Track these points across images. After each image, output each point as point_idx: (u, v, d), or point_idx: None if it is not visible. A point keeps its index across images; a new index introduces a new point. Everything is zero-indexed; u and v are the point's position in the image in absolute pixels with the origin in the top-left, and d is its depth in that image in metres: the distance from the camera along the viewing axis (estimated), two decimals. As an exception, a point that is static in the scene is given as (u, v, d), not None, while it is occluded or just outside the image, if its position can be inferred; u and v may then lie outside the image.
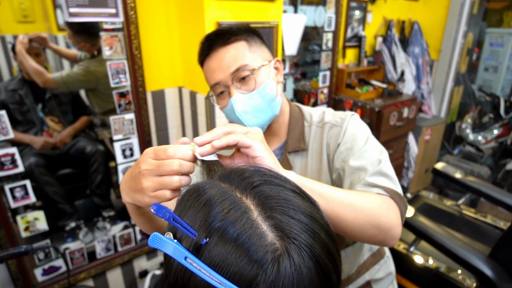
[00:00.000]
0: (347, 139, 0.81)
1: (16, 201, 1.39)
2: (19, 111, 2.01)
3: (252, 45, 0.81)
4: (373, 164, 0.74)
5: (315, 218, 0.37)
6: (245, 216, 0.34)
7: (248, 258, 0.32)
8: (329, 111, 0.91)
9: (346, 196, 0.62)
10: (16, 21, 2.54)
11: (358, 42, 2.63)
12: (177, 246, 0.34)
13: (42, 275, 1.55)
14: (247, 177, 0.40)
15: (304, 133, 0.89)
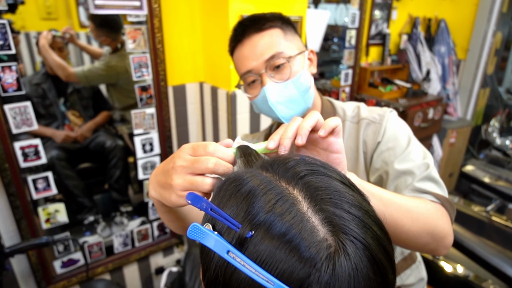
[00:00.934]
0: (388, 138, 0.77)
1: (38, 192, 1.40)
2: (42, 104, 2.04)
3: (287, 33, 0.78)
4: (420, 168, 0.71)
5: (368, 212, 0.33)
6: (294, 208, 0.31)
7: (299, 255, 0.28)
8: (364, 106, 0.86)
9: (404, 201, 0.60)
10: (40, 18, 2.59)
11: (382, 40, 2.56)
12: (219, 239, 0.31)
13: (61, 268, 1.55)
14: (293, 166, 0.36)
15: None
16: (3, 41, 1.17)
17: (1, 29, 1.15)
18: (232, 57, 0.83)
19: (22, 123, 1.29)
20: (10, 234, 1.38)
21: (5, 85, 1.22)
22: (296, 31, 0.82)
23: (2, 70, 1.20)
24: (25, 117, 1.29)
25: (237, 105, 1.53)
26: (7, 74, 1.21)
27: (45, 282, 1.50)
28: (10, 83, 1.22)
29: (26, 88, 1.97)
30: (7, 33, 1.16)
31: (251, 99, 0.81)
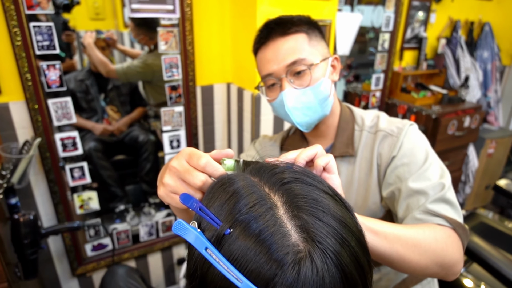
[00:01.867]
0: (404, 153, 0.74)
1: (74, 180, 1.52)
2: (85, 99, 2.20)
3: (312, 39, 0.77)
4: (435, 188, 0.68)
5: (347, 224, 0.34)
6: (270, 212, 0.33)
7: (268, 256, 0.30)
8: (384, 117, 0.84)
9: (411, 235, 0.58)
10: (89, 18, 2.79)
11: (418, 44, 2.47)
12: (199, 236, 0.34)
13: (91, 251, 1.68)
14: (278, 172, 0.38)
15: (354, 138, 0.83)
16: (49, 41, 1.29)
17: (47, 31, 1.27)
18: (256, 57, 0.83)
19: (63, 117, 1.41)
20: (49, 216, 1.52)
21: (50, 82, 1.34)
22: (322, 36, 0.81)
23: (48, 68, 1.32)
24: (65, 111, 1.41)
25: (261, 107, 1.56)
26: (51, 72, 1.33)
27: (77, 262, 1.63)
28: (53, 80, 1.35)
29: (72, 83, 2.14)
30: (52, 35, 1.28)
31: (269, 102, 0.82)
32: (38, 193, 1.47)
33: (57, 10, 1.94)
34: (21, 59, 1.25)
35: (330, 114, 0.84)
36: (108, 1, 2.82)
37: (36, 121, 1.35)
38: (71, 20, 2.65)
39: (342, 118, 0.85)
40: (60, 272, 1.65)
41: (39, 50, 1.27)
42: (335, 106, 0.86)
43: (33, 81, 1.30)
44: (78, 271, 1.65)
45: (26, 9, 1.21)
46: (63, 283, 1.67)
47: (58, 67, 1.33)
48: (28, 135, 1.37)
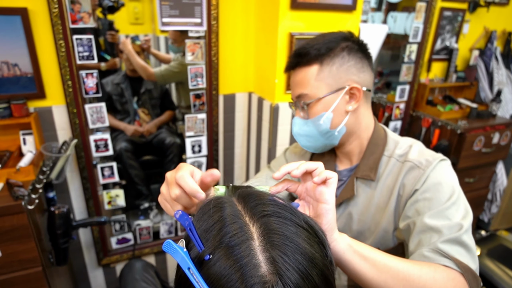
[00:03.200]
0: (428, 188, 0.71)
1: (104, 178, 1.66)
2: (119, 101, 2.36)
3: (323, 70, 0.77)
4: (452, 228, 0.64)
5: (313, 259, 0.38)
6: (246, 243, 0.37)
7: (240, 283, 0.35)
8: (416, 147, 0.80)
9: (403, 268, 0.55)
10: (129, 23, 2.99)
11: (448, 55, 2.41)
12: (184, 256, 0.39)
13: (116, 244, 1.81)
14: (260, 204, 0.43)
15: (380, 163, 0.82)
16: (89, 52, 1.42)
17: (88, 43, 1.40)
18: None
19: (97, 120, 1.55)
20: (80, 210, 1.67)
21: (87, 89, 1.48)
22: (352, 59, 0.78)
23: (86, 76, 1.46)
24: (99, 115, 1.55)
25: (279, 117, 1.62)
26: (89, 80, 1.47)
27: (103, 253, 1.78)
28: (91, 87, 1.49)
29: (109, 86, 2.31)
30: (92, 46, 1.41)
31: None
32: (73, 188, 1.62)
33: (104, 12, 2.14)
34: (64, 68, 1.39)
35: (355, 136, 0.84)
36: (147, 7, 2.99)
37: (74, 124, 1.50)
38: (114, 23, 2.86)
39: (372, 141, 0.84)
40: (87, 261, 1.80)
41: (79, 60, 1.42)
42: (364, 129, 0.84)
43: (73, 88, 1.44)
44: (103, 261, 1.79)
45: (70, 23, 1.35)
46: (90, 271, 1.82)
47: (95, 75, 1.47)
48: (67, 136, 1.52)
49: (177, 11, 1.50)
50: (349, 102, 0.79)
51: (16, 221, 1.17)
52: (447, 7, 2.23)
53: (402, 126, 2.42)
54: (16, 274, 1.24)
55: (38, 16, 1.30)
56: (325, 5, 1.50)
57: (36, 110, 1.43)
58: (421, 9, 2.12)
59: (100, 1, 2.17)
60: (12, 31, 1.27)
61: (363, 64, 0.79)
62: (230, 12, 1.62)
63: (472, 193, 2.38)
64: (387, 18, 2.33)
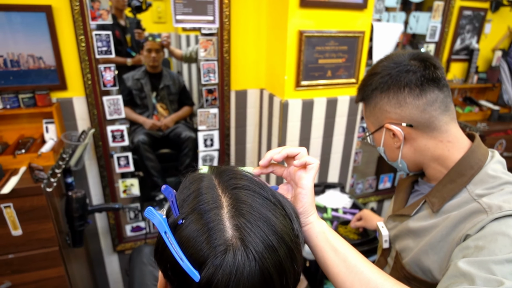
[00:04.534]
0: (484, 235, 0.58)
1: (120, 167, 1.75)
2: (139, 96, 2.46)
3: (366, 109, 0.80)
4: (490, 282, 0.50)
5: (279, 232, 0.41)
6: (215, 211, 0.41)
7: (206, 243, 0.39)
8: (509, 194, 0.64)
9: (377, 279, 0.49)
10: (153, 22, 3.11)
11: (468, 56, 2.34)
12: (162, 221, 0.43)
13: (130, 231, 1.90)
14: (234, 178, 0.46)
15: (453, 197, 0.70)
16: (106, 47, 1.51)
17: (106, 38, 1.49)
18: None
19: (114, 112, 1.64)
20: (97, 196, 1.77)
21: (106, 81, 1.57)
22: (387, 95, 0.73)
23: (105, 70, 1.55)
24: (116, 107, 1.64)
25: (289, 113, 1.64)
26: (107, 73, 1.56)
27: (118, 240, 1.87)
28: (109, 80, 1.57)
29: (129, 81, 2.42)
30: (110, 41, 1.50)
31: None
32: (90, 175, 1.72)
33: (133, 11, 2.25)
34: (84, 61, 1.48)
35: (427, 165, 0.77)
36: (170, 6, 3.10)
37: (92, 114, 1.59)
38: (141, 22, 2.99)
39: (457, 168, 0.71)
40: (103, 247, 1.89)
41: (98, 55, 1.50)
42: (438, 156, 0.74)
43: (92, 80, 1.53)
44: (118, 247, 1.88)
45: (90, 20, 1.44)
46: (105, 256, 1.92)
47: (113, 69, 1.56)
48: (85, 126, 1.62)
49: (190, 9, 1.56)
50: (394, 139, 0.76)
51: (36, 202, 1.26)
52: (467, 6, 2.18)
53: (418, 126, 2.38)
54: (35, 252, 1.34)
55: (61, 13, 1.40)
56: (335, 3, 1.52)
57: (58, 101, 1.53)
58: (438, 8, 2.08)
59: (129, 1, 2.30)
60: (37, 26, 1.37)
61: (400, 97, 0.71)
62: (242, 10, 1.66)
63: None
64: (409, 18, 2.30)
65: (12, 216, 1.26)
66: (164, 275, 0.45)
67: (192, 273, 0.38)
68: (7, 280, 1.33)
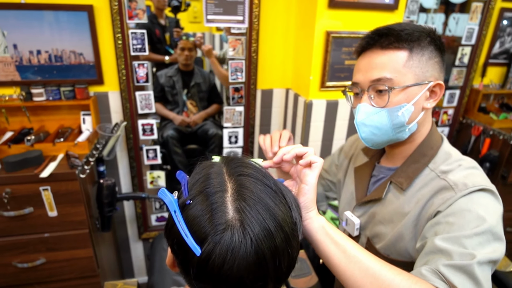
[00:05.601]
0: (453, 212, 0.64)
1: (148, 160, 1.84)
2: (171, 93, 2.56)
3: (413, 58, 0.70)
4: (464, 256, 0.56)
5: (276, 218, 0.44)
6: (220, 194, 0.45)
7: (208, 222, 0.42)
8: (465, 169, 0.72)
9: (375, 266, 0.53)
10: (188, 21, 3.22)
11: (508, 60, 2.22)
12: (172, 201, 0.47)
13: (155, 221, 1.99)
14: (240, 166, 0.50)
15: (419, 175, 0.76)
16: (141, 45, 1.60)
17: (141, 36, 1.58)
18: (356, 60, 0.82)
19: (145, 106, 1.73)
20: (127, 185, 1.87)
21: (139, 77, 1.66)
22: (439, 55, 0.73)
23: (138, 66, 1.64)
24: (148, 102, 1.72)
25: (312, 113, 1.65)
26: (140, 70, 1.65)
27: (143, 228, 1.96)
28: (141, 76, 1.66)
29: (162, 78, 2.52)
30: (144, 39, 1.58)
31: (352, 108, 0.83)
32: (121, 166, 1.82)
33: (173, 11, 2.36)
34: (120, 58, 1.58)
35: (408, 140, 0.79)
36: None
37: (125, 108, 1.68)
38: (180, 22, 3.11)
39: (419, 149, 0.78)
40: (130, 234, 2.00)
41: (133, 52, 1.59)
42: (419, 133, 0.78)
43: (127, 76, 1.62)
44: (143, 235, 1.98)
45: (127, 19, 1.53)
46: (131, 242, 2.02)
47: (146, 66, 1.64)
48: (118, 119, 1.72)
49: (221, 9, 1.61)
50: (428, 99, 0.74)
51: (71, 187, 1.37)
52: (509, 8, 2.07)
53: (450, 132, 2.29)
54: (67, 233, 1.44)
55: (101, 12, 1.50)
56: (364, 4, 1.50)
57: (95, 94, 1.64)
58: (477, 9, 2.00)
59: (169, 1, 2.41)
60: (79, 24, 1.48)
61: (443, 64, 0.75)
62: (271, 10, 1.70)
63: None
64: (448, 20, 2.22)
65: (49, 198, 1.37)
66: (171, 250, 0.49)
67: (194, 248, 0.42)
68: (43, 256, 1.45)
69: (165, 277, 1.20)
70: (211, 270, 0.41)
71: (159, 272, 1.23)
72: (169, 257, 0.52)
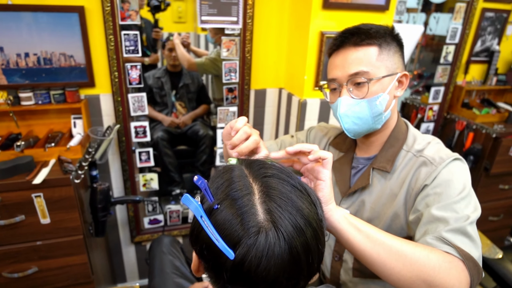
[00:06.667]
0: (438, 183, 0.74)
1: (141, 162, 1.81)
2: (159, 94, 2.53)
3: (383, 52, 0.79)
4: (459, 219, 0.66)
5: (304, 214, 0.45)
6: (248, 197, 0.45)
7: (240, 225, 0.42)
8: (434, 145, 0.83)
9: (397, 244, 0.59)
10: (173, 21, 3.18)
11: (489, 57, 2.32)
12: (198, 206, 0.47)
13: (148, 224, 1.96)
14: (263, 168, 0.51)
15: (397, 157, 0.85)
16: (134, 46, 1.57)
17: (134, 38, 1.55)
18: (328, 59, 0.88)
19: (138, 108, 1.70)
20: (119, 189, 1.83)
21: (131, 79, 1.63)
22: (400, 49, 0.83)
23: (131, 68, 1.61)
24: (140, 104, 1.69)
25: (306, 112, 1.67)
26: (133, 71, 1.62)
27: (136, 231, 1.93)
28: (134, 78, 1.63)
29: (150, 80, 2.48)
30: (137, 41, 1.56)
31: (330, 104, 0.88)
32: (113, 169, 1.79)
33: (151, 11, 2.31)
34: (112, 60, 1.54)
35: (383, 128, 0.87)
36: (190, 6, 3.16)
37: (117, 111, 1.65)
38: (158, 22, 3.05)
39: (393, 134, 0.87)
40: (122, 238, 1.96)
41: (126, 54, 1.56)
42: (391, 121, 0.87)
43: (119, 78, 1.59)
44: (135, 239, 1.95)
45: (120, 20, 1.49)
46: (123, 246, 1.98)
47: (139, 67, 1.61)
48: (111, 122, 1.68)
49: (215, 10, 1.60)
50: (397, 88, 0.84)
51: (64, 193, 1.33)
52: (490, 8, 2.16)
53: (435, 128, 2.37)
54: (61, 240, 1.40)
55: (93, 14, 1.46)
56: (357, 5, 1.53)
57: (86, 97, 1.59)
58: (460, 9, 2.07)
59: (148, 0, 2.36)
60: (70, 26, 1.44)
61: (404, 57, 0.84)
62: (265, 11, 1.70)
63: (506, 200, 2.29)
64: (429, 19, 2.30)
65: (42, 205, 1.33)
66: (199, 255, 0.49)
67: (227, 252, 0.42)
68: (34, 265, 1.41)
69: (167, 280, 1.19)
70: (247, 272, 0.42)
71: (159, 276, 1.22)
72: (194, 262, 0.52)
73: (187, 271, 1.21)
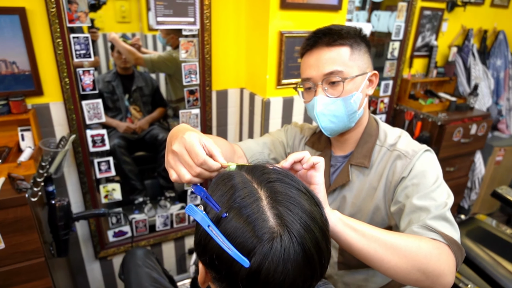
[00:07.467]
0: (415, 175, 0.79)
1: (100, 173, 1.71)
2: (111, 99, 2.39)
3: (354, 52, 0.82)
4: (438, 207, 0.71)
5: (312, 215, 0.45)
6: (256, 203, 0.44)
7: (252, 233, 0.42)
8: (405, 138, 0.88)
9: (391, 238, 0.61)
10: (116, 21, 3.00)
11: (428, 52, 2.53)
12: (204, 216, 0.46)
13: (113, 236, 1.86)
14: (266, 173, 0.50)
15: (373, 152, 0.89)
16: (85, 50, 1.46)
17: (85, 41, 1.45)
18: (301, 59, 0.89)
19: (94, 116, 1.59)
20: (78, 204, 1.71)
21: (84, 85, 1.52)
22: (368, 50, 0.87)
23: (83, 73, 1.50)
24: (96, 111, 1.59)
25: (270, 111, 1.69)
26: (86, 77, 1.51)
27: (100, 246, 1.82)
28: (88, 83, 1.53)
29: (99, 84, 2.33)
30: (89, 44, 1.46)
31: (304, 102, 0.90)
32: (70, 182, 1.66)
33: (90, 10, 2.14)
34: (62, 65, 1.43)
35: (356, 125, 0.90)
36: (134, 6, 3.01)
37: (71, 120, 1.53)
38: (100, 23, 2.86)
39: (366, 131, 0.91)
40: (85, 254, 1.84)
41: (76, 58, 1.46)
42: (364, 118, 0.91)
43: (71, 85, 1.48)
44: (100, 254, 1.84)
45: (67, 22, 1.39)
46: (87, 264, 1.86)
47: (92, 72, 1.51)
48: (64, 132, 1.56)
49: (171, 10, 1.56)
50: (368, 86, 0.88)
51: (20, 213, 1.21)
52: (427, 7, 2.35)
53: (386, 119, 2.54)
54: (20, 265, 1.28)
55: (36, 16, 1.34)
56: (313, 5, 1.58)
57: (34, 107, 1.46)
58: (402, 8, 2.23)
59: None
60: (10, 30, 1.30)
61: (372, 57, 0.89)
62: (222, 11, 1.68)
63: (453, 181, 2.52)
64: (371, 17, 2.44)
65: (-7, 230, 1.20)
66: (207, 266, 0.47)
67: (242, 260, 0.41)
68: (-11, 297, 1.27)
69: (143, 294, 1.15)
70: (265, 278, 0.41)
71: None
72: (201, 274, 0.50)
73: (166, 281, 1.17)
